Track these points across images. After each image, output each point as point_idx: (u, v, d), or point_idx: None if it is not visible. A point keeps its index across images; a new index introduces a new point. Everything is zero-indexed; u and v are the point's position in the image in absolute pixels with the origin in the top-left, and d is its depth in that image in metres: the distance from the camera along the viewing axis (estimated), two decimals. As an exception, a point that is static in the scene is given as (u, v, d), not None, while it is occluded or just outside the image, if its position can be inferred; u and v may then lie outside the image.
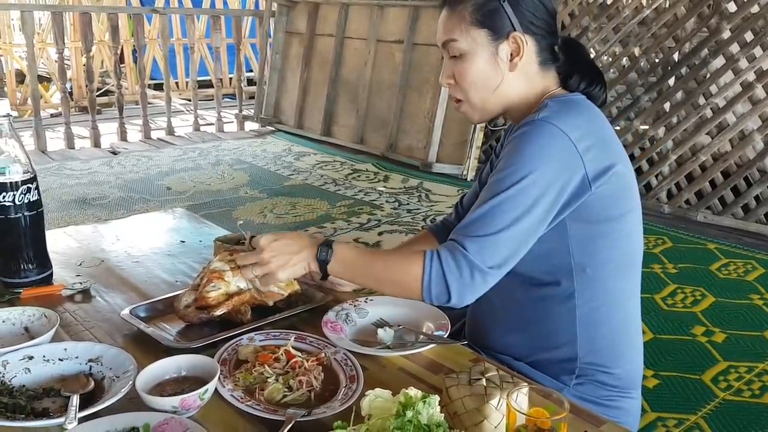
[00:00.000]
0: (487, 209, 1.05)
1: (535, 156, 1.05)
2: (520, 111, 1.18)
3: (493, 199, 1.05)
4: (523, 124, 1.10)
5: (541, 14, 1.14)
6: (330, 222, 3.64)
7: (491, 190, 1.07)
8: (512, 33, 1.13)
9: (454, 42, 1.15)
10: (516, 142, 1.08)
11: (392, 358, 1.09)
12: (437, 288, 1.05)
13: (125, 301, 1.28)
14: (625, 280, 1.19)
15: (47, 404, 0.95)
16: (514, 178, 1.05)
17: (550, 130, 1.06)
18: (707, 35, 3.76)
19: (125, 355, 1.02)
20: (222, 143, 5.61)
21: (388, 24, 5.12)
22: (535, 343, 1.19)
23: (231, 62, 7.04)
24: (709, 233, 3.44)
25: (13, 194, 1.24)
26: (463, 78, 1.16)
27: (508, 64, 1.14)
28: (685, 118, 3.83)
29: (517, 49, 1.14)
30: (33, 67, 5.18)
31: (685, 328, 2.41)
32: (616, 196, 1.12)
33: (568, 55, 1.20)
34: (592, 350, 1.17)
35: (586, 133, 1.08)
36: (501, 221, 1.04)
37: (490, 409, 0.88)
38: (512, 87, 1.16)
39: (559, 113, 1.09)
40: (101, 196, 4.11)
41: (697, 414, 1.92)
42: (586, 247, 1.12)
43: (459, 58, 1.15)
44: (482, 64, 1.14)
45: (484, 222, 1.05)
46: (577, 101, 1.15)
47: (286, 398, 0.97)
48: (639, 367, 1.25)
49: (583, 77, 1.19)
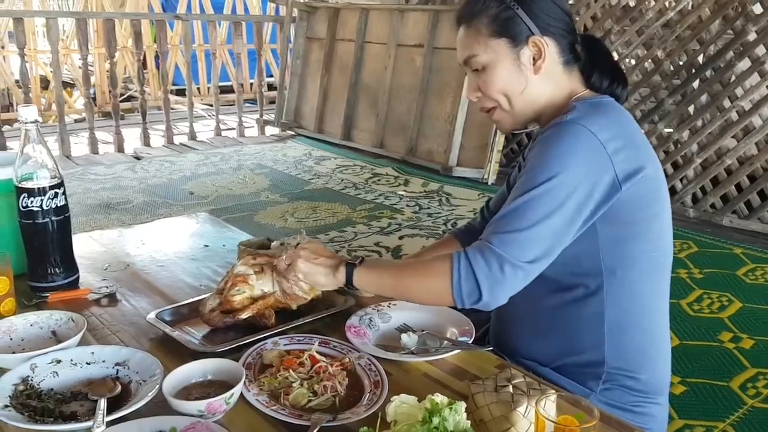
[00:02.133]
0: (515, 206, 1.04)
1: (563, 156, 1.05)
2: (550, 115, 1.17)
3: (521, 197, 1.04)
4: (550, 126, 1.10)
5: (556, 14, 1.15)
6: (351, 226, 3.65)
7: (519, 189, 1.06)
8: (531, 37, 1.13)
9: (475, 57, 1.16)
10: (544, 142, 1.08)
11: (416, 363, 1.09)
12: (467, 286, 1.03)
13: (151, 305, 1.29)
14: (655, 283, 1.18)
15: (75, 408, 0.96)
16: (541, 178, 1.04)
17: (578, 130, 1.06)
18: (732, 37, 3.70)
19: (152, 359, 1.03)
20: (243, 148, 5.65)
21: (408, 28, 5.12)
22: (561, 347, 1.18)
23: (252, 68, 7.09)
24: (735, 238, 3.38)
25: (41, 199, 1.26)
26: (490, 88, 1.17)
27: (532, 68, 1.15)
28: (710, 122, 3.77)
29: (539, 52, 1.14)
30: (57, 73, 5.26)
31: (712, 334, 2.37)
32: (646, 199, 1.11)
33: (588, 53, 1.20)
34: (619, 354, 1.15)
35: (616, 134, 1.07)
36: (530, 218, 1.03)
37: (517, 416, 0.87)
38: (540, 90, 1.16)
39: (587, 114, 1.08)
40: (125, 200, 4.16)
41: (725, 422, 1.88)
42: (617, 249, 1.11)
43: (482, 70, 1.16)
44: (506, 72, 1.15)
45: (512, 218, 1.04)
46: (605, 103, 1.14)
47: (311, 403, 0.97)
48: (666, 372, 1.23)
49: (604, 74, 1.19)
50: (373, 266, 1.14)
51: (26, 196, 1.25)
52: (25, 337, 1.13)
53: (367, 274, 1.12)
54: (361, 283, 1.13)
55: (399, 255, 3.22)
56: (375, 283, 1.14)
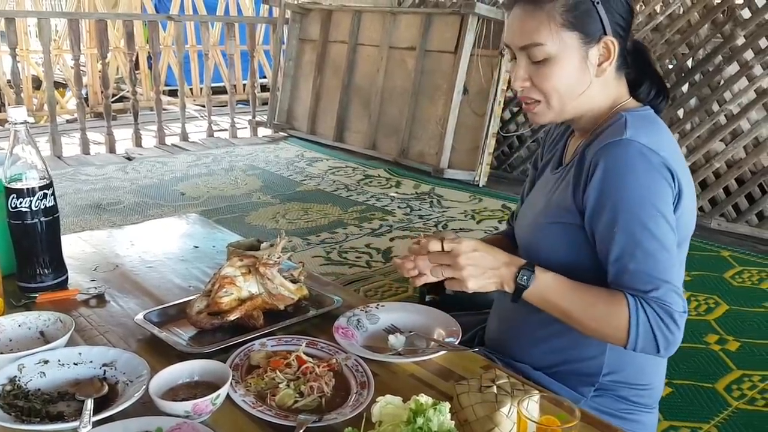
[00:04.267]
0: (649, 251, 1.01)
1: (652, 189, 1.02)
2: (591, 118, 1.12)
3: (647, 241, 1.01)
4: (614, 142, 1.03)
5: (627, 15, 1.08)
6: (342, 227, 3.65)
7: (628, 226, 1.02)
8: (604, 37, 1.05)
9: (540, 46, 1.05)
10: (619, 171, 1.02)
11: (403, 364, 1.10)
12: (644, 343, 1.01)
13: (139, 305, 1.29)
14: None
15: (62, 408, 0.96)
16: (646, 218, 1.01)
17: (651, 156, 1.02)
18: (721, 42, 3.74)
19: (139, 360, 1.03)
20: (235, 149, 5.65)
21: (400, 31, 5.13)
22: (560, 354, 1.16)
23: (245, 69, 7.09)
24: (723, 241, 3.41)
25: (30, 200, 1.26)
26: (548, 83, 1.07)
27: (596, 69, 1.07)
28: (698, 125, 3.80)
29: (607, 54, 1.06)
30: (49, 74, 5.24)
31: (698, 337, 2.38)
32: (684, 222, 1.09)
33: (635, 60, 1.14)
34: (617, 367, 1.14)
35: (674, 156, 1.05)
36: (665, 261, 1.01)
37: (500, 416, 0.88)
38: (594, 93, 1.09)
39: (644, 131, 1.04)
40: (116, 201, 4.15)
41: (710, 423, 1.90)
42: None
43: (543, 62, 1.06)
44: (571, 70, 1.06)
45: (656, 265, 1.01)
46: (652, 117, 1.11)
47: (297, 404, 0.98)
48: (661, 385, 1.23)
49: (652, 86, 1.13)
50: (541, 291, 1.06)
51: (15, 196, 1.25)
52: (12, 338, 1.13)
53: (534, 300, 1.07)
54: (530, 299, 1.07)
55: (390, 257, 3.23)
56: (543, 304, 1.08)
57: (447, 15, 4.79)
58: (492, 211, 3.91)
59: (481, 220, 3.78)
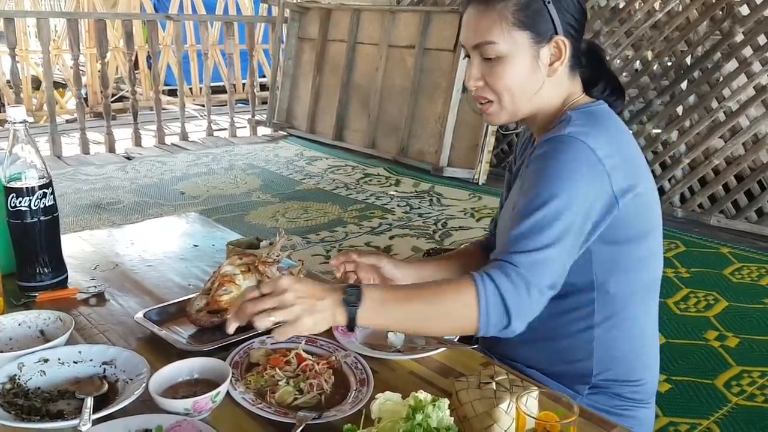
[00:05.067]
0: (529, 225, 0.99)
1: (566, 174, 1.00)
2: (545, 117, 1.13)
3: (533, 216, 0.99)
4: (547, 139, 1.05)
5: (578, 16, 1.09)
6: (341, 226, 3.65)
7: (527, 207, 1.01)
8: (555, 37, 1.06)
9: (492, 45, 1.05)
10: (543, 158, 1.03)
11: (402, 361, 1.10)
12: (495, 311, 0.95)
13: (139, 304, 1.30)
14: (646, 300, 1.16)
15: (62, 406, 0.96)
16: (548, 197, 0.99)
17: (578, 146, 1.01)
18: (720, 38, 3.74)
19: (138, 358, 1.03)
20: (235, 148, 5.65)
21: (399, 29, 5.13)
22: (549, 356, 1.17)
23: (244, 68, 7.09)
24: (722, 237, 3.41)
25: (29, 199, 1.26)
26: (499, 81, 1.08)
27: (548, 69, 1.08)
28: (697, 122, 3.81)
29: (558, 54, 1.07)
30: (49, 74, 5.24)
31: (698, 333, 2.39)
32: (639, 216, 1.08)
33: (589, 60, 1.15)
34: (607, 367, 1.14)
35: (613, 150, 1.04)
36: (547, 236, 0.98)
37: (499, 412, 0.88)
38: (546, 92, 1.10)
39: (584, 127, 1.04)
40: (116, 200, 4.15)
41: (709, 419, 1.91)
42: (610, 268, 1.09)
43: (495, 60, 1.07)
44: (522, 69, 1.07)
45: (530, 237, 0.98)
46: (600, 113, 1.10)
47: (296, 401, 0.98)
48: (655, 380, 1.23)
49: (607, 86, 1.14)
50: (377, 303, 0.95)
51: (14, 196, 1.25)
52: (12, 336, 1.13)
53: (374, 316, 0.95)
54: (369, 324, 0.97)
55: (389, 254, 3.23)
56: (383, 321, 0.98)
57: (446, 13, 4.79)
58: (491, 209, 3.91)
59: (480, 218, 3.79)
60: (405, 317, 0.98)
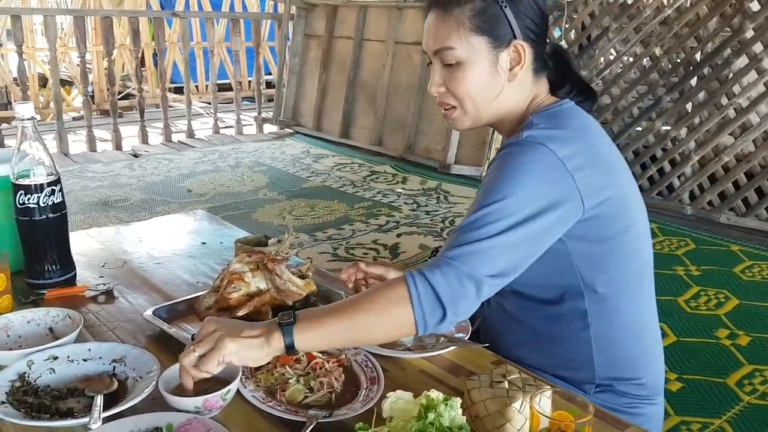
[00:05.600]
0: (470, 220, 0.98)
1: (520, 174, 0.99)
2: (511, 121, 1.13)
3: (476, 213, 0.98)
4: (507, 144, 1.05)
5: (538, 20, 1.08)
6: (348, 224, 3.65)
7: (474, 206, 1.00)
8: (513, 41, 1.06)
9: (450, 50, 1.06)
10: (501, 160, 1.03)
11: (413, 360, 1.09)
12: (428, 304, 0.94)
13: (148, 302, 1.29)
14: (639, 293, 1.15)
15: (72, 404, 0.96)
16: (498, 195, 0.98)
17: (536, 148, 1.00)
18: (730, 34, 3.70)
19: (148, 356, 1.03)
20: (241, 146, 5.65)
21: (406, 25, 5.12)
22: (550, 361, 1.16)
23: (250, 65, 7.09)
24: (732, 235, 3.39)
25: (38, 196, 1.25)
26: (460, 87, 1.08)
27: (508, 73, 1.08)
28: (707, 119, 3.78)
29: (518, 58, 1.07)
30: (55, 71, 5.25)
31: (708, 331, 2.37)
32: (616, 215, 1.07)
33: (556, 64, 1.14)
34: (610, 367, 1.14)
35: (577, 150, 1.02)
36: (487, 231, 0.96)
37: (512, 412, 0.87)
38: (508, 97, 1.10)
39: (545, 129, 1.03)
40: (123, 198, 4.16)
41: (721, 418, 1.89)
42: (594, 266, 1.08)
43: (454, 66, 1.07)
44: (481, 74, 1.07)
45: (467, 232, 0.97)
46: (564, 112, 1.09)
47: (307, 399, 0.97)
48: (660, 373, 1.22)
49: (573, 87, 1.13)
50: (313, 318, 0.95)
51: (23, 193, 1.25)
52: (22, 334, 1.13)
53: (311, 330, 0.93)
54: (307, 344, 0.94)
55: (397, 253, 3.22)
56: (322, 337, 0.95)
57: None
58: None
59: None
60: (344, 328, 0.95)
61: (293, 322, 0.93)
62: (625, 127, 4.13)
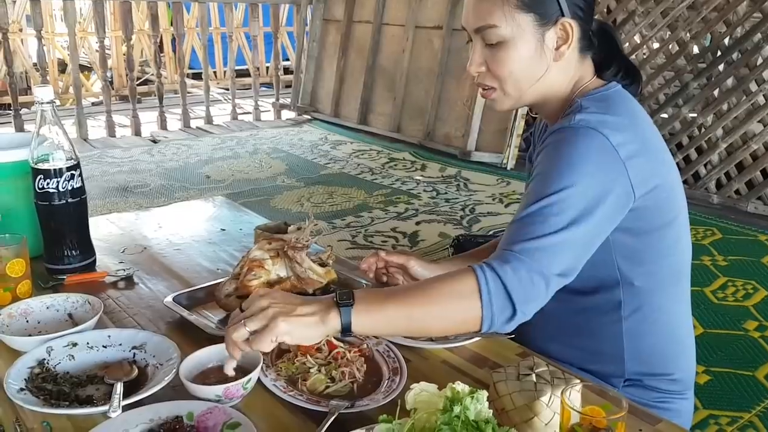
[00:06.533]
0: (533, 211, 0.94)
1: (578, 163, 0.95)
2: (555, 103, 1.09)
3: (538, 203, 0.94)
4: (559, 129, 1.00)
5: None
6: (367, 211, 3.62)
7: (533, 195, 0.96)
8: (561, 19, 1.01)
9: (494, 28, 1.01)
10: (554, 147, 0.98)
11: (435, 350, 1.07)
12: (498, 302, 0.90)
13: (168, 288, 1.28)
14: (675, 288, 1.12)
15: (91, 391, 0.95)
16: (558, 185, 0.94)
17: (590, 134, 0.96)
18: (760, 19, 3.60)
19: (168, 343, 1.02)
20: (259, 132, 5.64)
21: (426, 10, 5.05)
22: (579, 354, 1.13)
23: (268, 51, 7.06)
24: (760, 224, 3.32)
25: (57, 181, 1.24)
26: (502, 67, 1.03)
27: (554, 53, 1.03)
28: (735, 105, 3.69)
29: (565, 37, 1.02)
30: (75, 56, 5.27)
31: (736, 323, 2.32)
32: (661, 205, 1.03)
33: (601, 42, 1.09)
34: (640, 362, 1.11)
35: (629, 136, 0.98)
36: (553, 224, 0.92)
37: (540, 405, 0.85)
38: (553, 78, 1.05)
39: (596, 114, 0.98)
40: (142, 183, 4.17)
41: (750, 412, 1.85)
42: (633, 259, 1.05)
43: (497, 45, 1.02)
44: (526, 55, 1.02)
45: (532, 225, 0.93)
46: (614, 96, 1.05)
47: (328, 389, 0.96)
48: (691, 369, 1.19)
49: (620, 69, 1.09)
50: (372, 301, 0.90)
51: (42, 177, 1.24)
52: (41, 320, 1.12)
53: (369, 314, 0.89)
54: (364, 328, 0.89)
55: (416, 241, 3.20)
56: (380, 323, 0.91)
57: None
58: (520, 195, 3.84)
59: (509, 204, 3.73)
60: (404, 317, 0.91)
61: (352, 303, 0.88)
62: (651, 114, 4.04)
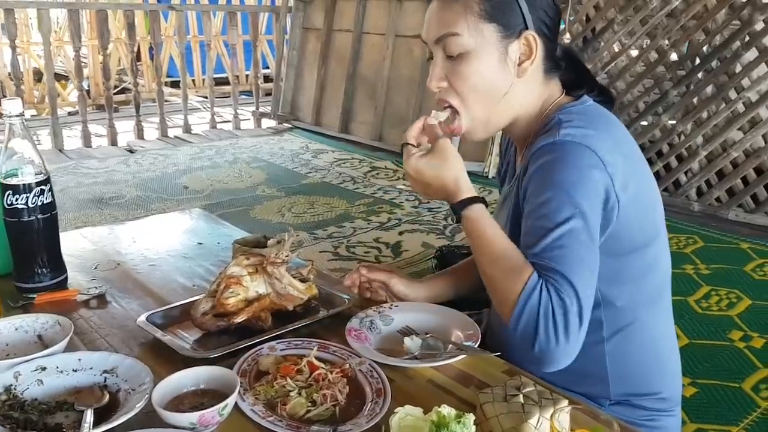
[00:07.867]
0: (548, 242, 0.93)
1: (576, 186, 0.93)
2: (525, 122, 1.06)
3: (552, 233, 0.93)
4: (546, 145, 0.97)
5: (552, 13, 1.02)
6: (349, 221, 3.59)
7: (537, 219, 0.95)
8: (525, 32, 0.99)
9: (455, 37, 0.99)
10: (548, 169, 0.96)
11: (420, 369, 1.03)
12: (525, 324, 0.92)
13: (141, 306, 1.24)
14: (657, 305, 1.10)
15: (60, 419, 0.90)
16: (565, 213, 0.92)
17: (581, 152, 0.94)
18: (739, 27, 3.64)
19: (141, 366, 0.97)
20: (239, 141, 5.58)
21: (406, 18, 5.05)
22: (562, 378, 1.08)
23: (247, 59, 7.03)
24: (741, 232, 3.34)
25: (26, 196, 1.20)
26: (464, 81, 1.01)
27: (517, 68, 1.01)
28: (715, 113, 3.72)
29: (528, 52, 1.00)
30: (50, 66, 5.19)
31: (721, 333, 2.32)
32: (641, 221, 1.02)
33: (568, 66, 1.07)
34: (625, 382, 1.09)
35: (613, 149, 0.97)
36: (570, 254, 0.92)
37: (528, 428, 0.82)
38: (519, 96, 1.03)
39: (581, 129, 0.96)
40: (118, 195, 4.09)
41: (738, 425, 1.83)
42: (615, 281, 1.03)
43: (458, 58, 1.00)
44: (488, 67, 0.99)
45: (554, 250, 0.93)
46: (592, 110, 1.03)
47: (309, 413, 0.92)
48: (678, 386, 1.17)
49: (592, 89, 1.07)
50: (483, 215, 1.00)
51: (11, 193, 1.20)
52: (9, 342, 1.07)
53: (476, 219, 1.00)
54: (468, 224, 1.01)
55: (399, 251, 3.17)
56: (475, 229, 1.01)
57: (454, 2, 4.70)
58: (502, 203, 3.84)
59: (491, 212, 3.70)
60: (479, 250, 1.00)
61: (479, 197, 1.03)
62: (630, 122, 4.07)
